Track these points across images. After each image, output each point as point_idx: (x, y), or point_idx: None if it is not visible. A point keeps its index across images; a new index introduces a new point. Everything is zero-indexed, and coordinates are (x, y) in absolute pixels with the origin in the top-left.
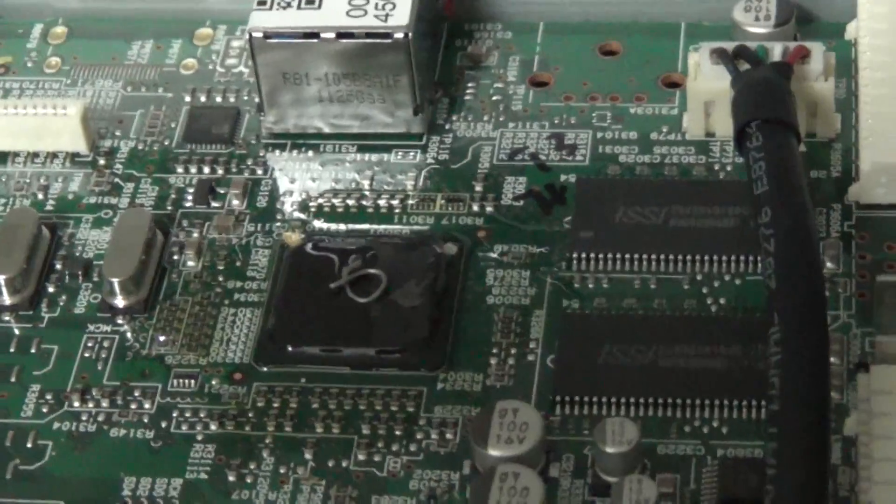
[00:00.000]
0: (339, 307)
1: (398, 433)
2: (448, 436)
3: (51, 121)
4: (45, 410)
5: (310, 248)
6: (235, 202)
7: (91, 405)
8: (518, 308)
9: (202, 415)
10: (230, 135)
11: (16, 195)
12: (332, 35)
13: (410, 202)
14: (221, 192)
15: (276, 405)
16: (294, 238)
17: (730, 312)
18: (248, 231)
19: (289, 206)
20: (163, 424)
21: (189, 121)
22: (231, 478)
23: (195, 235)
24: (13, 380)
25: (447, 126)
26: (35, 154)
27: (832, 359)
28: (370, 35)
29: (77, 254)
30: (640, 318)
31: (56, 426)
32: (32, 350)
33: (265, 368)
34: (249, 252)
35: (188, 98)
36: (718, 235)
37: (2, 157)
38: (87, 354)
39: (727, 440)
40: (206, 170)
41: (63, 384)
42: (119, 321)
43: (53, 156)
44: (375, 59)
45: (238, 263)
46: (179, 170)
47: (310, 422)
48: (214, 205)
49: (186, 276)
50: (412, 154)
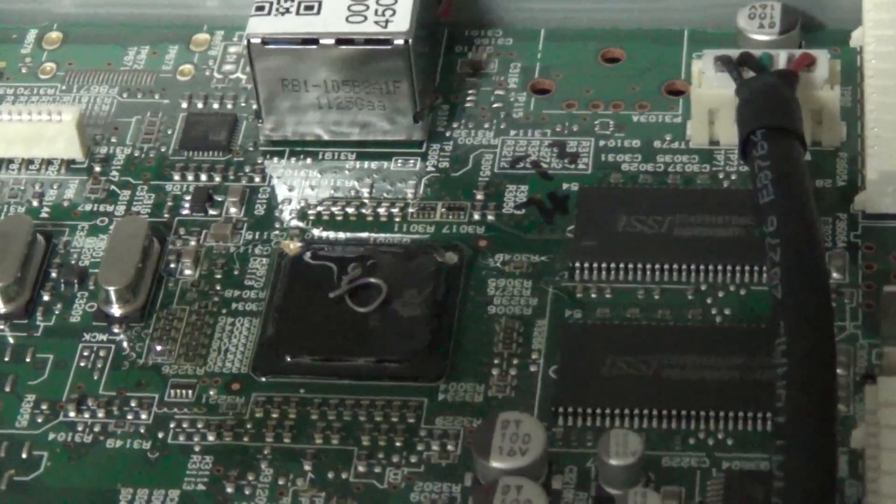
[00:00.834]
0: (339, 317)
1: (398, 444)
2: (449, 447)
3: (46, 127)
4: (41, 420)
5: (308, 257)
6: (233, 210)
7: (87, 415)
8: (520, 318)
9: (200, 425)
10: (227, 142)
11: (10, 202)
12: (332, 41)
13: (410, 210)
14: (219, 200)
15: (275, 416)
16: (292, 247)
17: (734, 323)
18: (246, 239)
19: (287, 215)
20: (160, 435)
21: (186, 127)
22: (229, 489)
23: (192, 244)
24: (8, 389)
25: (448, 133)
26: (30, 161)
27: (839, 370)
28: (370, 41)
29: (72, 262)
30: (644, 329)
31: (51, 437)
32: (27, 359)
33: (263, 379)
34: (247, 261)
35: (185, 104)
36: (723, 245)
37: None
38: (83, 364)
39: (733, 452)
40: (203, 177)
41: (58, 394)
42: (115, 330)
43: (48, 163)
44: (375, 66)
45: (236, 272)
46: (176, 177)
47: (309, 433)
48: (212, 213)
49: (183, 285)
50: (412, 162)
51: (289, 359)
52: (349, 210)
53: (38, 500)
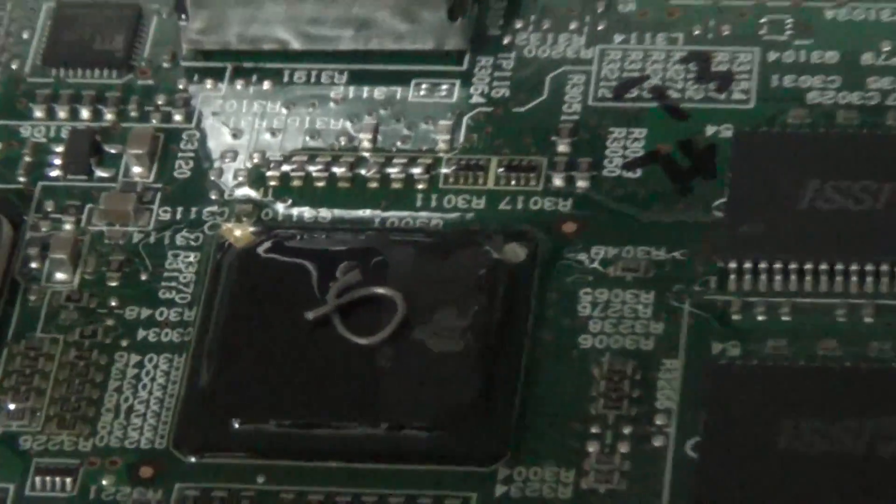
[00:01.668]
0: (323, 353)
1: None
2: None
3: None
4: None
5: (266, 251)
6: (137, 170)
7: None
8: (634, 356)
9: None
10: (126, 53)
11: None
12: None
13: (444, 172)
14: (112, 153)
15: None
16: (241, 234)
17: None
18: (161, 221)
19: (230, 179)
20: None
21: (55, 28)
22: None
23: (67, 228)
24: None
25: (506, 40)
26: None
27: None
28: None
29: None
30: (847, 374)
31: None
32: None
33: (193, 459)
34: (163, 257)
35: None
36: None
37: None
38: None
39: None
40: (85, 114)
41: None
42: None
43: None
44: None
45: (144, 276)
46: (38, 113)
47: None
48: (100, 174)
49: (54, 299)
50: (445, 88)
51: (237, 425)
52: (337, 170)
53: None
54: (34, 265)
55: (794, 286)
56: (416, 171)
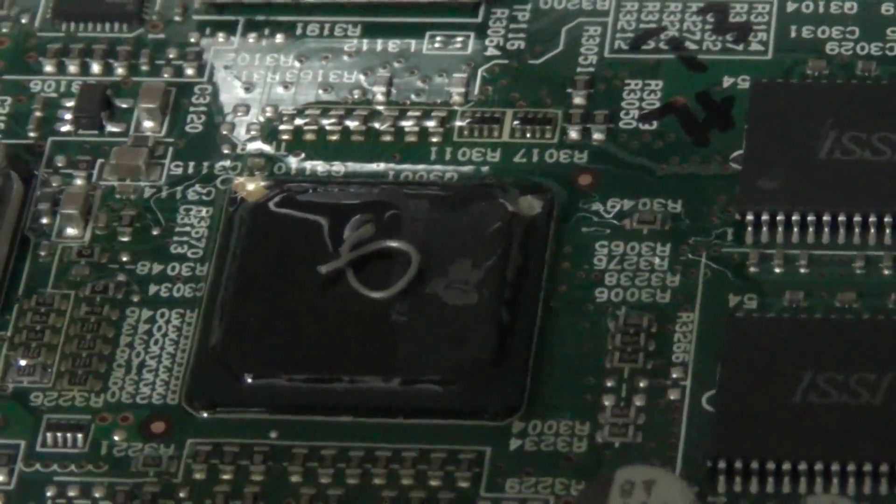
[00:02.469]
0: (336, 307)
1: None
2: None
3: None
4: None
5: (278, 205)
6: (148, 124)
7: None
8: (650, 309)
9: (97, 494)
10: (137, 6)
11: None
12: None
13: (458, 124)
14: (123, 108)
15: (227, 477)
16: (253, 188)
17: None
18: (173, 175)
19: (242, 133)
20: None
21: None
22: None
23: (78, 183)
24: None
25: None
26: None
27: None
28: None
29: None
30: (863, 328)
31: None
32: None
33: (205, 414)
34: (175, 212)
35: None
36: None
37: None
38: None
39: None
40: (96, 68)
41: None
42: None
43: None
44: None
45: (155, 231)
46: (48, 68)
47: None
48: (111, 129)
49: (65, 255)
50: (460, 40)
51: (250, 380)
52: (351, 124)
53: None
54: (45, 220)
55: (812, 238)
56: (431, 125)
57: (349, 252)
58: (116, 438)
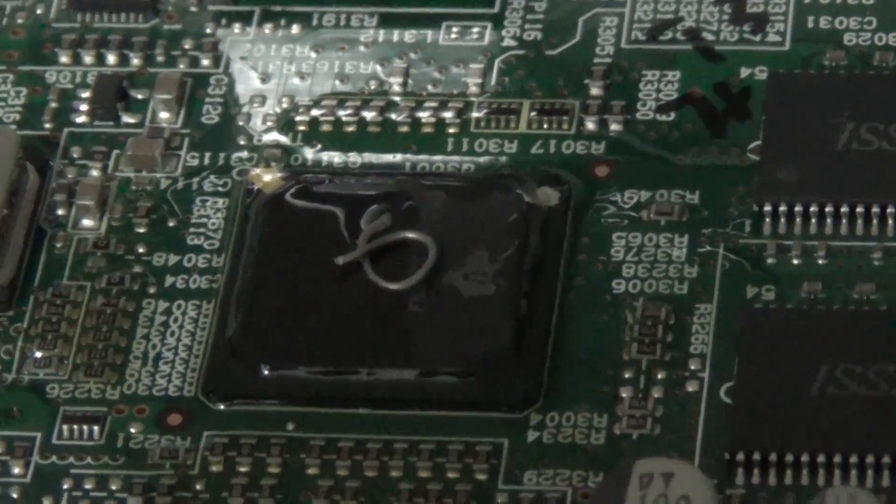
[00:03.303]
0: (353, 298)
1: None
2: None
3: None
4: None
5: (295, 196)
6: (164, 115)
7: None
8: (668, 301)
9: (114, 487)
10: None
11: None
12: None
13: (475, 116)
14: (139, 98)
15: (244, 470)
16: (269, 179)
17: None
18: (188, 166)
19: (258, 124)
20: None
21: None
22: None
23: (94, 174)
24: None
25: None
26: None
27: None
28: None
29: None
30: (881, 319)
31: None
32: None
33: (222, 406)
34: (191, 203)
35: None
36: None
37: None
38: None
39: None
40: (112, 59)
41: None
42: None
43: None
44: None
45: (172, 223)
46: (64, 59)
47: (304, 499)
48: (127, 120)
49: (81, 246)
50: (476, 31)
51: (266, 372)
52: (367, 115)
53: None
54: (60, 212)
55: (830, 229)
56: (448, 115)
57: (366, 243)
58: (133, 430)
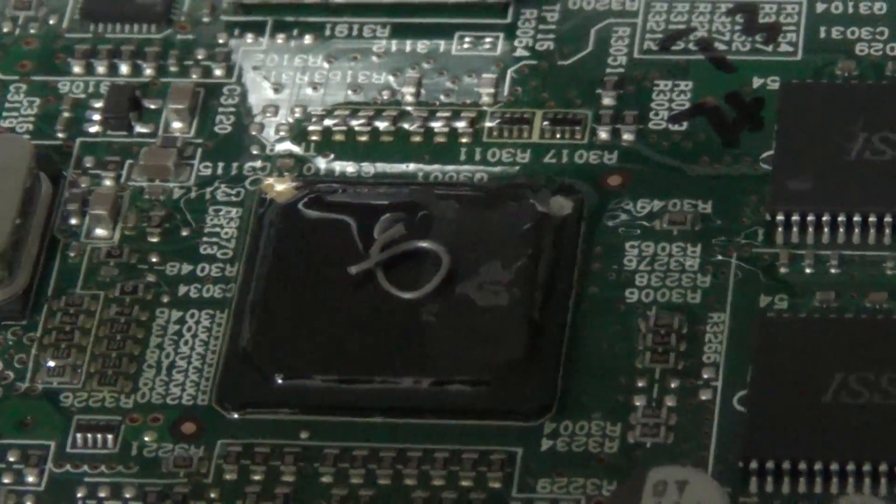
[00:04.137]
0: (366, 308)
1: None
2: None
3: None
4: None
5: (308, 206)
6: (177, 125)
7: None
8: (681, 310)
9: (127, 495)
10: (165, 7)
11: None
12: None
13: (488, 125)
14: (152, 108)
15: (258, 478)
16: (282, 189)
17: None
18: (201, 176)
19: (271, 133)
20: None
21: None
22: None
23: (107, 183)
24: None
25: None
26: None
27: None
28: None
29: None
30: (894, 328)
31: None
32: None
33: (236, 415)
34: (204, 212)
35: None
36: None
37: None
38: None
39: None
40: (124, 69)
41: None
42: None
43: None
44: None
45: (185, 233)
46: (76, 69)
47: None
48: (140, 130)
49: (94, 255)
50: (489, 41)
51: (280, 380)
52: (380, 125)
53: None
54: (73, 221)
55: (842, 238)
56: (460, 125)
57: (379, 252)
58: (147, 439)
